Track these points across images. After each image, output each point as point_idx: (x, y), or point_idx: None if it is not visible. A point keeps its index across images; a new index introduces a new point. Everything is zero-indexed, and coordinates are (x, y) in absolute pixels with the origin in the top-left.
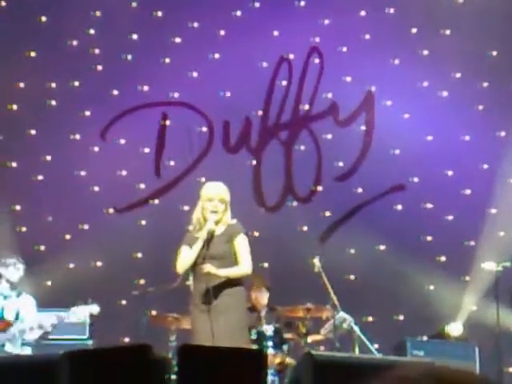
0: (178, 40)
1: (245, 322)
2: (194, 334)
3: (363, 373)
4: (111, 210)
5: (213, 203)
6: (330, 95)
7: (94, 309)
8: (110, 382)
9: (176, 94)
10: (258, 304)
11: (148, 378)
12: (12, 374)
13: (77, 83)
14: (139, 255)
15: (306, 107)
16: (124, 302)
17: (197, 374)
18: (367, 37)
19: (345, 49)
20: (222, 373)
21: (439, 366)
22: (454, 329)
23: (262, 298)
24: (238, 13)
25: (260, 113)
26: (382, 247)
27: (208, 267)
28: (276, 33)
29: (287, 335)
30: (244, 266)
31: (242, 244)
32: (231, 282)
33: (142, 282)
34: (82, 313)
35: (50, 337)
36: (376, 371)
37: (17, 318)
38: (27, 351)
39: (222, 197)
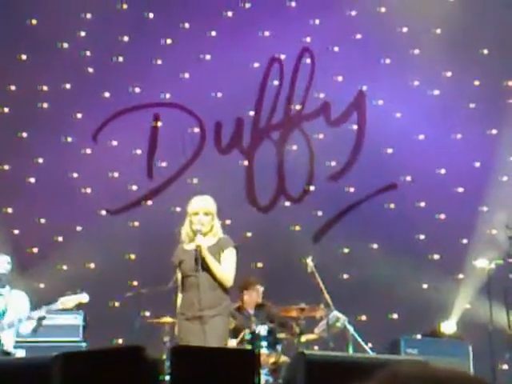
0: (169, 41)
1: (227, 332)
2: (180, 342)
3: (356, 372)
4: (104, 212)
5: (198, 217)
6: (321, 95)
7: (84, 297)
8: (104, 383)
9: (168, 95)
10: (251, 303)
11: (141, 379)
12: (5, 376)
13: (68, 86)
14: (132, 256)
15: (298, 107)
16: (117, 304)
17: (190, 375)
18: (358, 36)
19: (336, 48)
20: (215, 373)
21: (435, 368)
22: (448, 327)
23: (258, 296)
24: (229, 13)
25: (252, 113)
26: (375, 246)
27: (200, 240)
28: (267, 33)
29: (281, 335)
30: (226, 274)
31: (228, 256)
32: (220, 295)
33: (135, 283)
34: (71, 301)
35: (44, 339)
36: (369, 370)
37: (3, 313)
38: (21, 353)
39: (206, 209)
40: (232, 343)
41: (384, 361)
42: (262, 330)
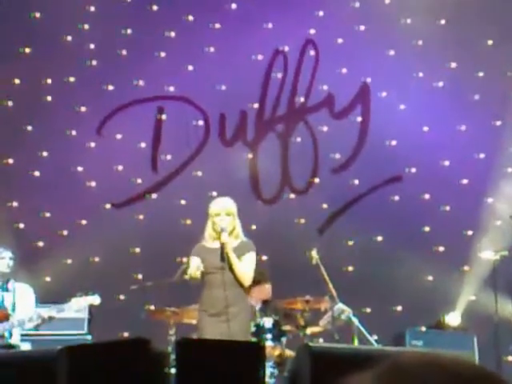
0: (172, 34)
1: (250, 328)
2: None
3: (361, 364)
4: (108, 206)
5: (220, 217)
6: (325, 87)
7: (95, 299)
8: (109, 376)
9: (171, 88)
10: (258, 298)
11: (147, 371)
12: (10, 368)
13: (72, 79)
14: (137, 250)
15: (302, 99)
16: (122, 297)
17: (196, 368)
18: (362, 28)
19: (340, 40)
20: (221, 366)
21: (438, 355)
22: (453, 319)
23: (266, 290)
24: (233, 5)
25: (256, 105)
26: (380, 238)
27: (225, 238)
28: (271, 25)
29: (286, 327)
30: (247, 274)
31: (249, 259)
32: (242, 292)
33: (140, 276)
34: (82, 303)
35: (49, 332)
36: (375, 362)
37: (13, 309)
38: (27, 346)
39: (228, 210)
40: None
41: (390, 353)
42: (267, 322)
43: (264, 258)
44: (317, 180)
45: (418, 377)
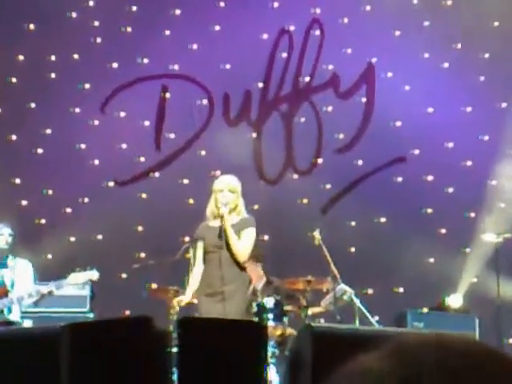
0: (177, 12)
1: (247, 306)
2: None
3: (363, 344)
4: (111, 184)
5: (222, 193)
6: (330, 67)
7: (94, 274)
8: (111, 353)
9: (176, 67)
10: (256, 277)
11: (149, 350)
12: (12, 345)
13: (76, 56)
14: (140, 228)
15: (307, 79)
16: (124, 275)
17: (197, 347)
18: (368, 8)
19: (345, 20)
20: (223, 345)
21: (443, 335)
22: (454, 300)
23: (259, 273)
24: None
25: (260, 85)
26: (383, 219)
27: (224, 211)
28: (276, 4)
29: (288, 307)
30: (243, 249)
31: (247, 234)
32: (239, 270)
33: (142, 255)
34: (81, 278)
35: (51, 309)
36: (377, 343)
37: (12, 285)
38: (28, 323)
39: (231, 187)
40: None
41: (391, 334)
42: (269, 302)
43: (266, 238)
44: (320, 160)
45: (422, 357)
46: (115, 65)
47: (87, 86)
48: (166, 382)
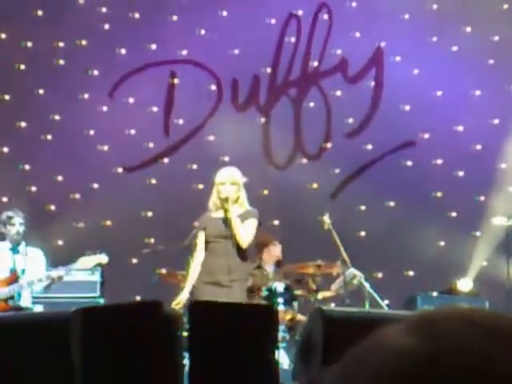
0: None
1: (245, 295)
2: None
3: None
4: (120, 169)
5: (224, 187)
6: (339, 51)
7: (103, 258)
8: (122, 338)
9: (184, 52)
10: (270, 260)
11: (159, 334)
12: (23, 330)
13: (84, 42)
14: (149, 214)
15: (315, 64)
16: (134, 261)
17: (208, 330)
18: None
19: (354, 4)
20: (233, 329)
21: (471, 309)
22: (465, 284)
23: (276, 250)
24: None
25: (269, 70)
26: (392, 203)
27: (227, 192)
28: None
29: (297, 292)
30: (245, 236)
31: (250, 224)
32: (241, 259)
33: (152, 240)
34: (90, 262)
35: (62, 295)
36: (386, 325)
37: (23, 272)
38: (39, 309)
39: (233, 179)
40: None
41: (402, 317)
42: (279, 286)
43: (276, 223)
44: (329, 145)
45: (451, 330)
46: (123, 51)
47: (95, 72)
48: (176, 365)
